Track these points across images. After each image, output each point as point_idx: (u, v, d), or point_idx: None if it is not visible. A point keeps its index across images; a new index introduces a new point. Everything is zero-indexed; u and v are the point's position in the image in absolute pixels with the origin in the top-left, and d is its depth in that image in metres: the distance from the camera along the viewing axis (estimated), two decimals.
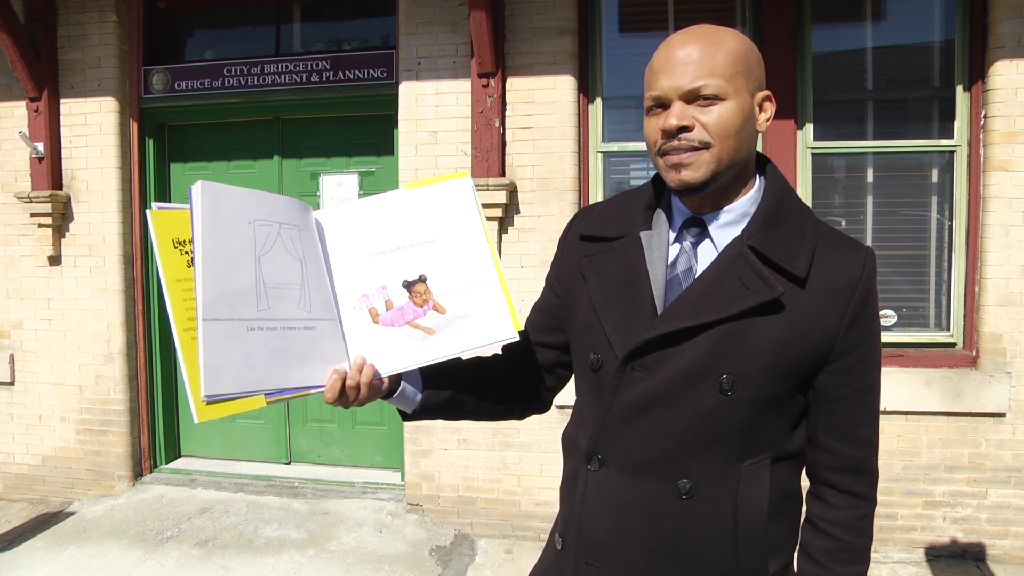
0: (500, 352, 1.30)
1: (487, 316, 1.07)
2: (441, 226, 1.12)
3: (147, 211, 1.02)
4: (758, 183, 1.09)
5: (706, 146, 0.98)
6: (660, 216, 1.11)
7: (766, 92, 1.04)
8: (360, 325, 1.08)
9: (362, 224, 1.13)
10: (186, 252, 1.01)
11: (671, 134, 0.99)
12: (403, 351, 1.07)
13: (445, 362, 1.08)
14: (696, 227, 1.07)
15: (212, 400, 0.92)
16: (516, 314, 1.08)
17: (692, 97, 0.98)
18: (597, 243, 1.15)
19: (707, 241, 1.07)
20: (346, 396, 1.05)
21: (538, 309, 1.30)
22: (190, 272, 0.98)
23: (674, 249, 1.09)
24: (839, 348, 1.03)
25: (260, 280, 1.00)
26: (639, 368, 1.04)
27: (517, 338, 1.07)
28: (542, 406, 1.32)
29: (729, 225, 1.06)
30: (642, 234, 1.09)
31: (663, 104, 1.00)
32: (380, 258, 1.11)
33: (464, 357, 1.10)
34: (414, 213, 1.13)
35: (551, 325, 1.26)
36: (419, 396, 1.16)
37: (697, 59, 0.97)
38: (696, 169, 0.99)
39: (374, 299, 1.09)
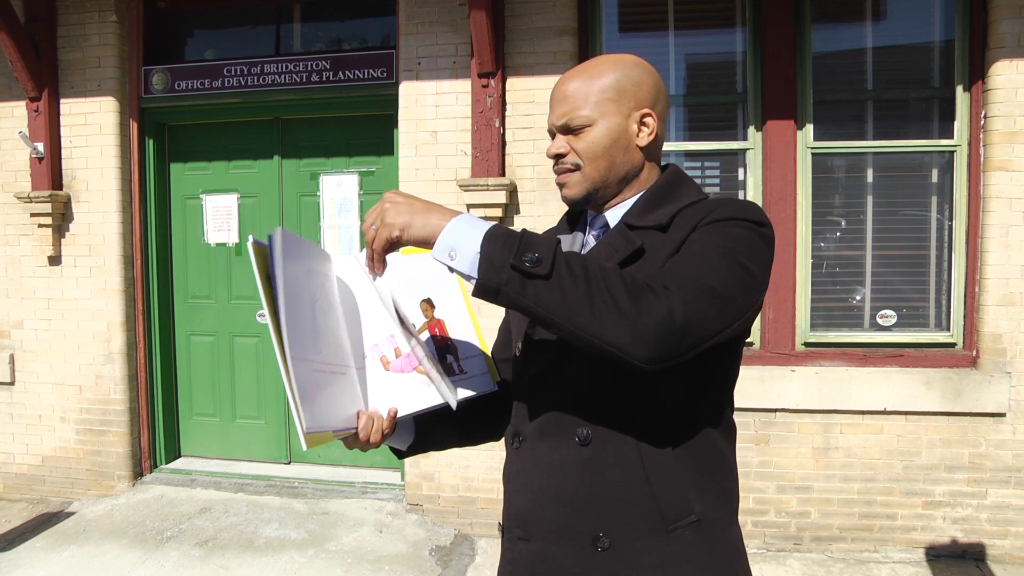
0: None
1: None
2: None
3: (248, 244, 1.05)
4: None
5: (577, 167, 1.15)
6: (586, 219, 1.26)
7: (646, 110, 1.14)
8: (374, 372, 1.18)
9: (367, 280, 1.21)
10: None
11: (553, 159, 1.17)
12: (414, 396, 1.17)
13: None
14: (602, 223, 1.21)
15: (312, 432, 0.99)
16: (493, 366, 1.25)
17: (566, 130, 1.14)
18: None
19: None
20: (371, 440, 1.15)
21: (501, 329, 1.39)
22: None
23: (590, 244, 1.22)
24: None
25: (315, 326, 1.07)
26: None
27: (496, 389, 1.22)
28: None
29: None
30: (561, 237, 1.24)
31: (552, 134, 1.18)
32: (386, 310, 1.20)
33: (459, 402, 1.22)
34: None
35: (505, 341, 1.36)
36: (412, 435, 1.28)
37: (570, 95, 1.13)
38: (571, 188, 1.16)
39: (384, 348, 1.18)
